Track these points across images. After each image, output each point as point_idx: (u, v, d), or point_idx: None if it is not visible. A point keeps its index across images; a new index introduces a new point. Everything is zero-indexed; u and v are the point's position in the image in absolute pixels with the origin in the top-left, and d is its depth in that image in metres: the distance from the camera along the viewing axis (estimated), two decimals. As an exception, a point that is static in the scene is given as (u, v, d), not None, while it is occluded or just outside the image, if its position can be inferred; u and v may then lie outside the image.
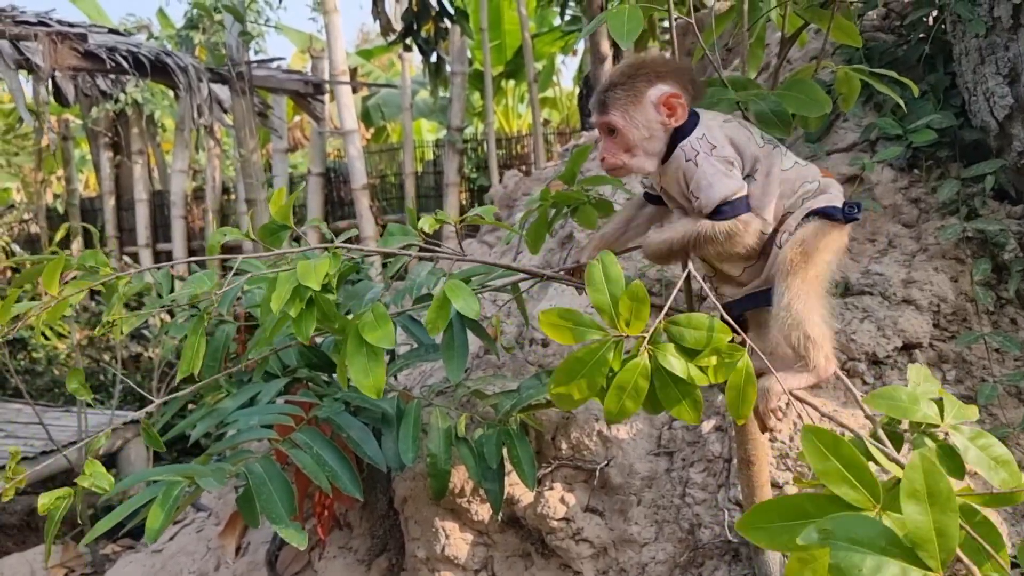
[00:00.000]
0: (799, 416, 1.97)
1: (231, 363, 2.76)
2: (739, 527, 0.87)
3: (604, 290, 1.36)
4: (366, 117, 10.24)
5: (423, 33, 5.77)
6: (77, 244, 9.57)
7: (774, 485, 1.93)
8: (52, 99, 4.94)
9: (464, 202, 8.69)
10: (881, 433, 1.16)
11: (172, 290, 2.70)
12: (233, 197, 9.87)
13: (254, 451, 2.23)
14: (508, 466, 2.20)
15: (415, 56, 8.79)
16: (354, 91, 9.26)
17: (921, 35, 2.44)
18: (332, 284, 1.88)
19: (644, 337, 1.32)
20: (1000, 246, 2.10)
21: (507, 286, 2.54)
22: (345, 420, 2.29)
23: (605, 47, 4.56)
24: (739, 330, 1.36)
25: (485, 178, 8.55)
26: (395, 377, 2.56)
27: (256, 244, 2.29)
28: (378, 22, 5.95)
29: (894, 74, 1.68)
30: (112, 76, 6.77)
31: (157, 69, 4.69)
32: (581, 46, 11.35)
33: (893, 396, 1.15)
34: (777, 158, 1.53)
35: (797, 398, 1.46)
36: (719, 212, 1.49)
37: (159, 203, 10.43)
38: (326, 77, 8.35)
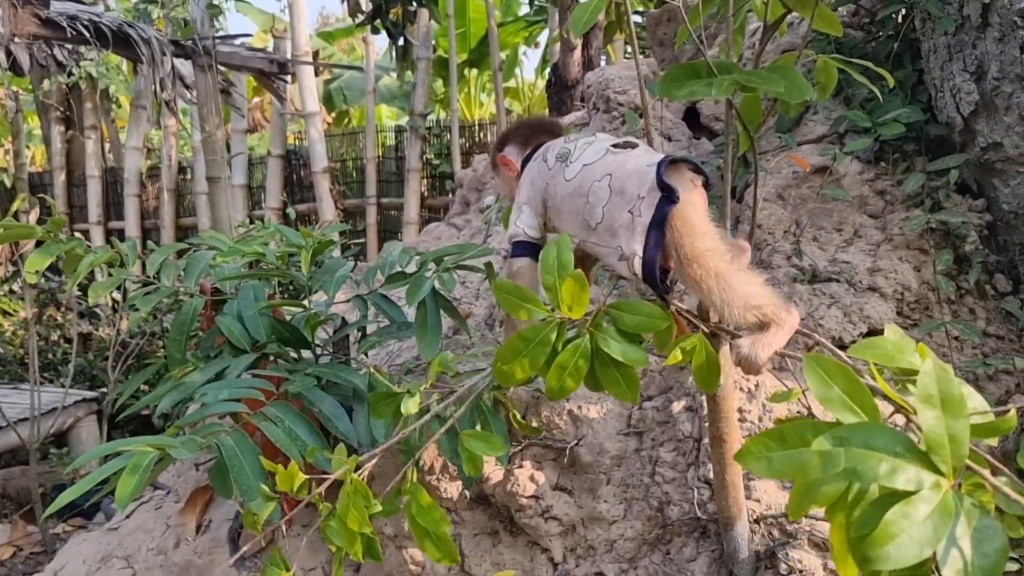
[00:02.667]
0: (767, 398, 2.02)
1: (196, 338, 2.73)
2: (738, 458, 0.89)
3: (554, 273, 1.40)
4: (328, 100, 10.12)
5: (391, 16, 5.72)
6: (33, 216, 9.32)
7: (742, 464, 1.98)
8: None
9: (425, 188, 8.64)
10: (868, 378, 1.18)
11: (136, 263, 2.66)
12: (189, 177, 9.68)
13: (222, 425, 2.21)
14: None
15: (378, 41, 8.72)
16: (317, 73, 9.14)
17: (890, 32, 2.51)
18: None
19: (588, 319, 1.38)
20: (962, 238, 2.17)
21: (480, 265, 2.56)
22: (316, 395, 2.28)
23: (574, 36, 4.58)
24: (695, 318, 1.47)
25: (447, 164, 8.51)
26: (365, 354, 2.56)
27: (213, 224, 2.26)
28: (345, 3, 5.87)
29: (871, 65, 1.73)
30: (69, 47, 6.57)
31: (119, 40, 4.56)
32: (543, 38, 11.38)
33: (879, 345, 1.18)
34: (559, 173, 1.66)
35: (746, 368, 1.49)
36: (510, 250, 1.84)
37: (111, 180, 10.17)
38: (289, 57, 8.25)
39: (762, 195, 2.51)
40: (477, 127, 8.84)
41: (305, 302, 2.47)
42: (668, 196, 1.50)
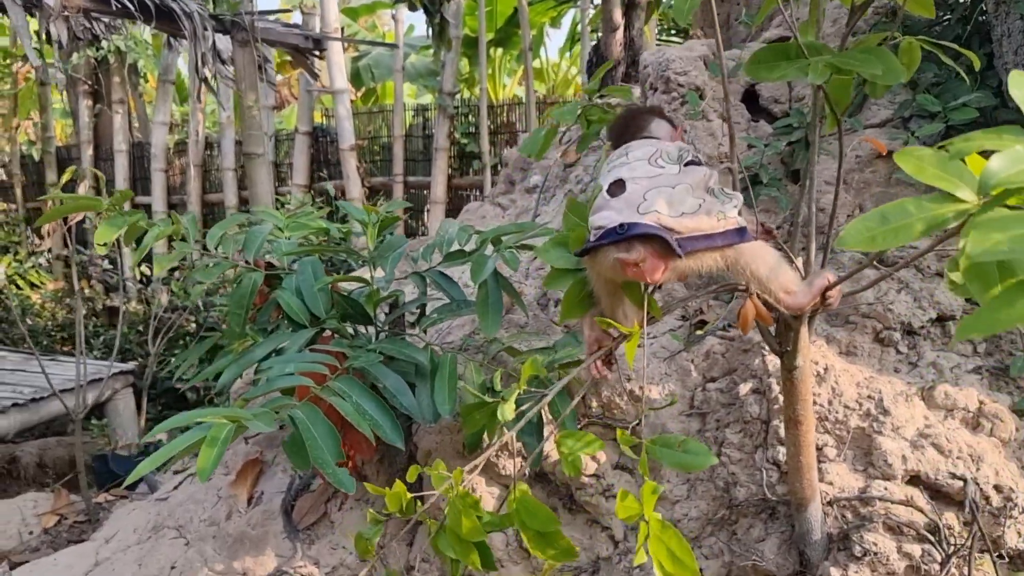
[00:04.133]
0: (836, 382, 2.03)
1: (256, 312, 2.75)
2: (841, 242, 0.93)
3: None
4: (355, 78, 10.11)
5: (429, -7, 5.71)
6: (82, 189, 9.38)
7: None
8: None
9: (452, 167, 8.64)
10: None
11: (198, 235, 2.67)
12: (216, 152, 9.71)
13: (289, 399, 2.23)
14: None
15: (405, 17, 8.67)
16: (345, 49, 9.13)
17: (960, 15, 2.48)
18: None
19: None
20: (1033, 224, 2.16)
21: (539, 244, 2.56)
22: (381, 371, 2.30)
23: (617, 16, 4.56)
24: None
25: (475, 144, 8.50)
26: (424, 331, 2.57)
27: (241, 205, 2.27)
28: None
29: (957, 47, 1.72)
30: (106, 20, 6.58)
31: (162, 14, 4.56)
32: (568, 19, 11.27)
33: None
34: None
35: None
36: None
37: (138, 155, 10.22)
38: (323, 33, 8.23)
39: (822, 179, 2.50)
40: (506, 108, 8.82)
41: (367, 277, 2.48)
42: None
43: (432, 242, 2.72)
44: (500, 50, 11.68)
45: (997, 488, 1.85)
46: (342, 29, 10.15)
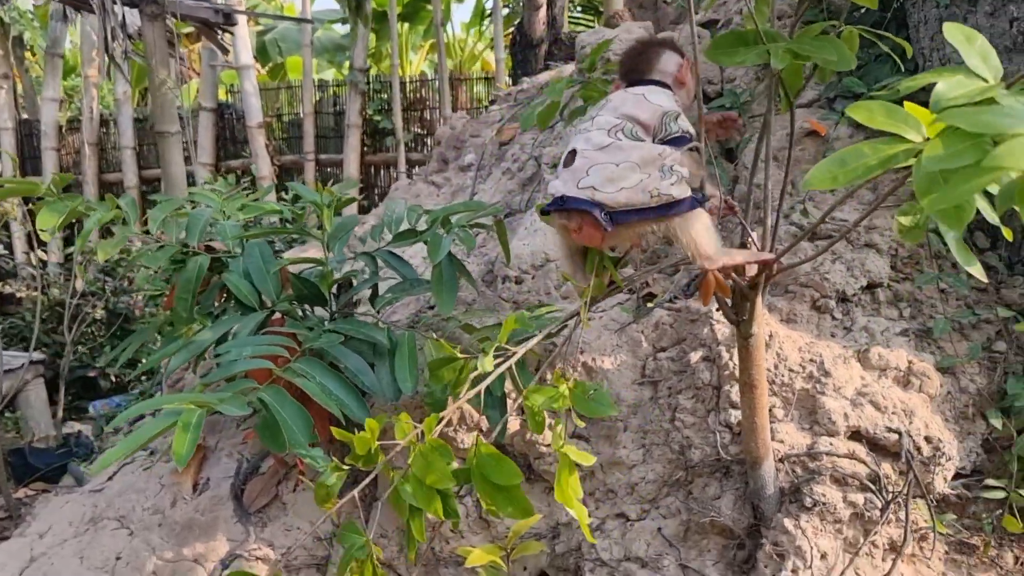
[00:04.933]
0: (780, 347, 2.17)
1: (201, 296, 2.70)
2: (807, 184, 1.06)
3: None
4: (262, 52, 9.82)
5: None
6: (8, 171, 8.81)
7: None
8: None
9: (365, 144, 8.55)
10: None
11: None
12: (112, 130, 9.29)
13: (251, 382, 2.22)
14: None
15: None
16: (249, 23, 8.85)
17: (879, 3, 2.65)
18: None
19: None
20: (949, 198, 2.35)
21: (490, 223, 2.62)
22: (341, 351, 2.32)
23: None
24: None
25: (388, 121, 8.43)
26: (378, 311, 2.59)
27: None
28: (298, -48, 5.70)
29: (891, 35, 1.86)
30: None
31: (68, -15, 4.33)
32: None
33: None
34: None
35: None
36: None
37: (26, 133, 9.67)
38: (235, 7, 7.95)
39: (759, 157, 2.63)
40: (418, 84, 8.76)
41: (321, 258, 2.48)
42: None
43: (382, 221, 2.73)
44: (407, 25, 11.57)
45: (927, 439, 2.04)
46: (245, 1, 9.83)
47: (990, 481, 2.16)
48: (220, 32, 5.89)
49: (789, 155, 1.89)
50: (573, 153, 1.75)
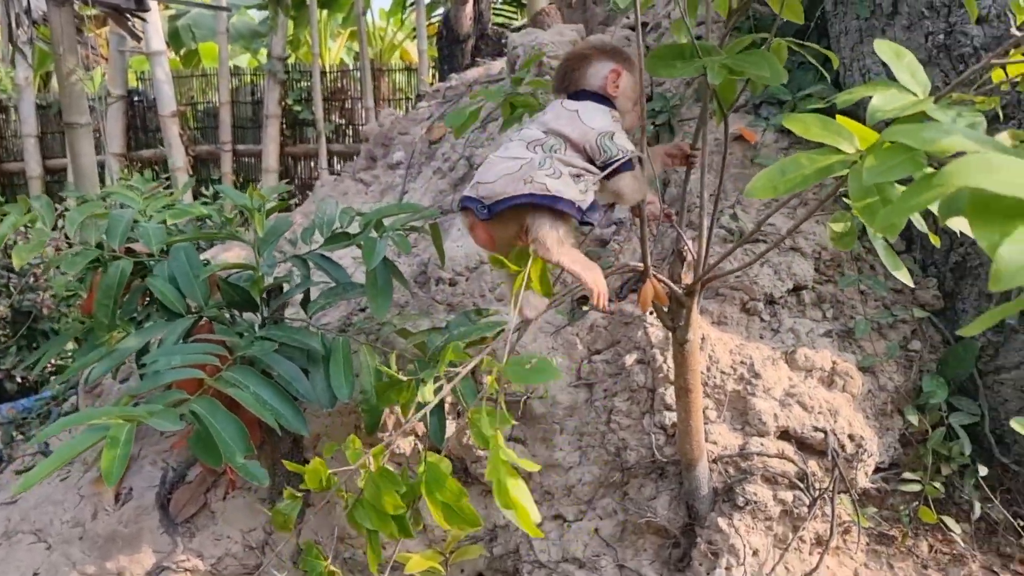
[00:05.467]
0: (712, 350, 2.23)
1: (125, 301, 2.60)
2: (748, 193, 1.10)
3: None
4: (174, 38, 9.47)
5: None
6: None
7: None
8: None
9: (285, 135, 8.36)
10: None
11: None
12: (10, 117, 8.84)
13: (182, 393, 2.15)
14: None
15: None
16: (160, 7, 8.53)
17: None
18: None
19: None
20: (868, 203, 2.45)
21: (424, 224, 2.60)
22: (273, 358, 2.27)
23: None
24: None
25: (308, 111, 8.26)
26: (311, 316, 2.54)
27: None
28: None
29: (817, 47, 1.92)
30: None
31: (-38, -33, 4.08)
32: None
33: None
34: None
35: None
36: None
37: (-84, 119, 9.12)
38: (127, -10, 7.63)
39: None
40: (340, 74, 8.61)
41: (252, 262, 2.42)
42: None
43: (310, 223, 2.68)
44: (325, 12, 11.34)
45: (850, 437, 2.12)
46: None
47: (907, 474, 2.27)
48: (130, 18, 5.65)
49: (723, 164, 1.94)
50: (488, 162, 1.74)
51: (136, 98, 8.59)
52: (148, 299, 2.68)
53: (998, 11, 2.21)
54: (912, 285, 1.69)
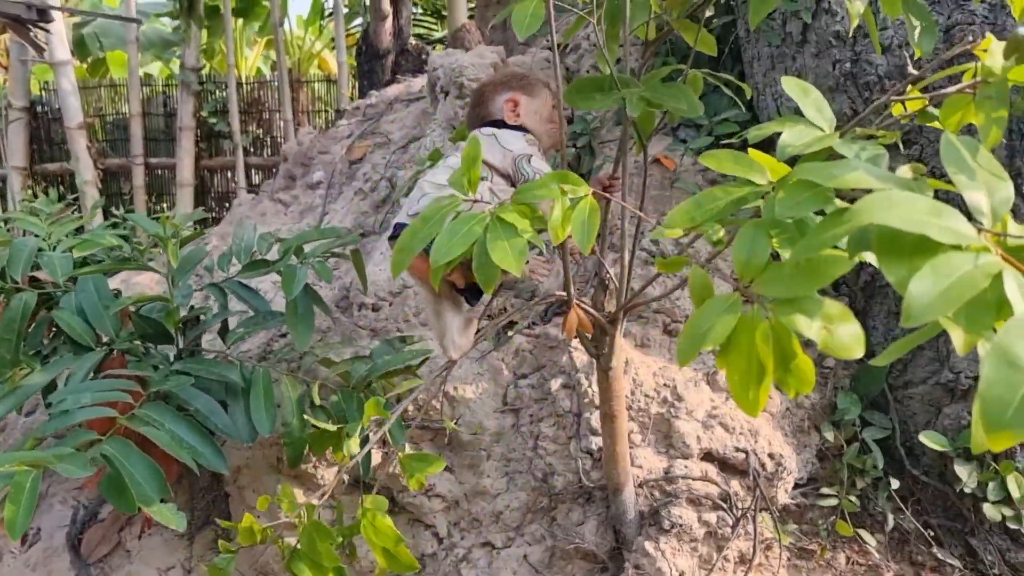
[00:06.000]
0: (636, 373, 2.25)
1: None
2: (667, 225, 1.11)
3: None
4: (80, 47, 9.10)
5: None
6: None
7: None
8: None
9: (200, 147, 8.13)
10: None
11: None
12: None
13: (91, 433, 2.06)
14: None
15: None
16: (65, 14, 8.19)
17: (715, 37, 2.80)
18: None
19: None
20: (783, 225, 2.52)
21: (345, 250, 2.56)
22: (190, 393, 2.20)
23: (386, 5, 4.55)
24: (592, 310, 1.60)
25: (224, 123, 8.06)
26: (229, 347, 2.47)
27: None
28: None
29: (731, 78, 1.97)
30: None
31: None
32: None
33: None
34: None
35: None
36: None
37: None
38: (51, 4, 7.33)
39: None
40: (256, 85, 8.42)
41: (166, 294, 2.34)
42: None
43: (228, 250, 2.61)
44: (240, 21, 11.09)
45: (770, 456, 2.18)
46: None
47: (825, 489, 2.34)
48: (32, 28, 5.42)
49: (643, 190, 1.97)
50: (418, 189, 1.78)
51: (40, 108, 8.23)
52: (54, 331, 2.56)
53: (900, 41, 2.30)
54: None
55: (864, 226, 1.01)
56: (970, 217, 0.86)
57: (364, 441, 1.79)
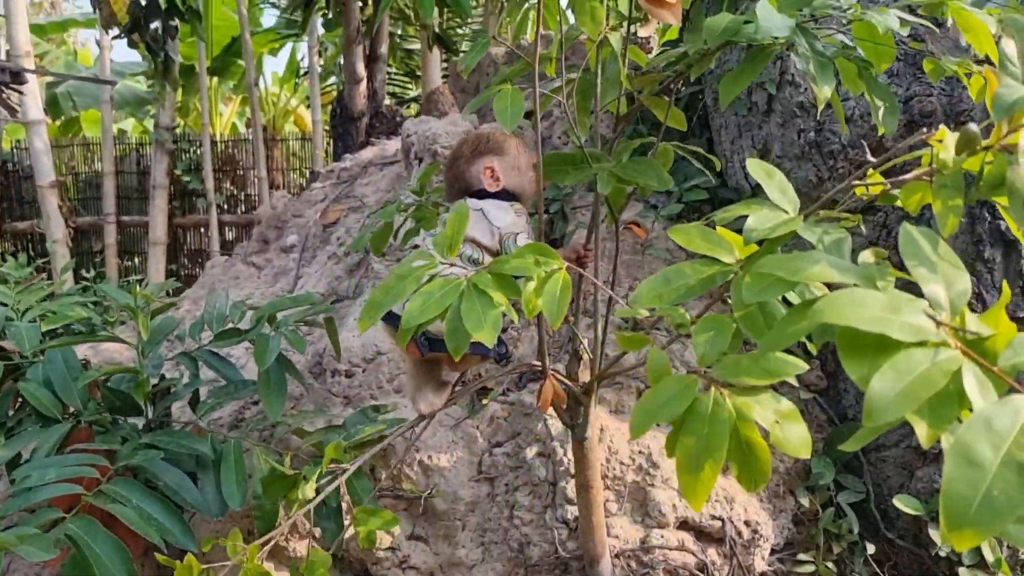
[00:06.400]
0: (611, 440, 2.25)
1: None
2: (635, 301, 1.11)
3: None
4: (53, 105, 9.10)
5: (150, 30, 5.34)
6: None
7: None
8: None
9: (174, 205, 8.11)
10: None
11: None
12: None
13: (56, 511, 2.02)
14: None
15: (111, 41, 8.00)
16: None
17: (683, 106, 2.87)
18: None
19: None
20: (753, 289, 2.55)
21: (319, 319, 2.55)
22: (159, 467, 2.16)
23: (360, 69, 4.61)
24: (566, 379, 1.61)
25: (198, 181, 8.06)
26: (201, 418, 2.44)
27: None
28: (98, 13, 5.37)
29: (700, 150, 2.01)
30: None
31: None
32: (286, 51, 10.99)
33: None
34: None
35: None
36: None
37: None
38: (2, 56, 7.36)
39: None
40: (231, 143, 8.45)
41: (136, 366, 2.31)
42: None
43: (200, 318, 2.59)
44: (216, 79, 11.18)
45: (747, 523, 2.17)
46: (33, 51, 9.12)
47: (801, 555, 2.33)
48: (5, 90, 5.41)
49: (615, 261, 1.99)
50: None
51: (11, 166, 8.19)
52: (20, 402, 2.52)
53: (862, 112, 2.37)
54: (806, 366, 1.75)
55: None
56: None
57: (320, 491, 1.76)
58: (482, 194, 1.88)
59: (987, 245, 2.24)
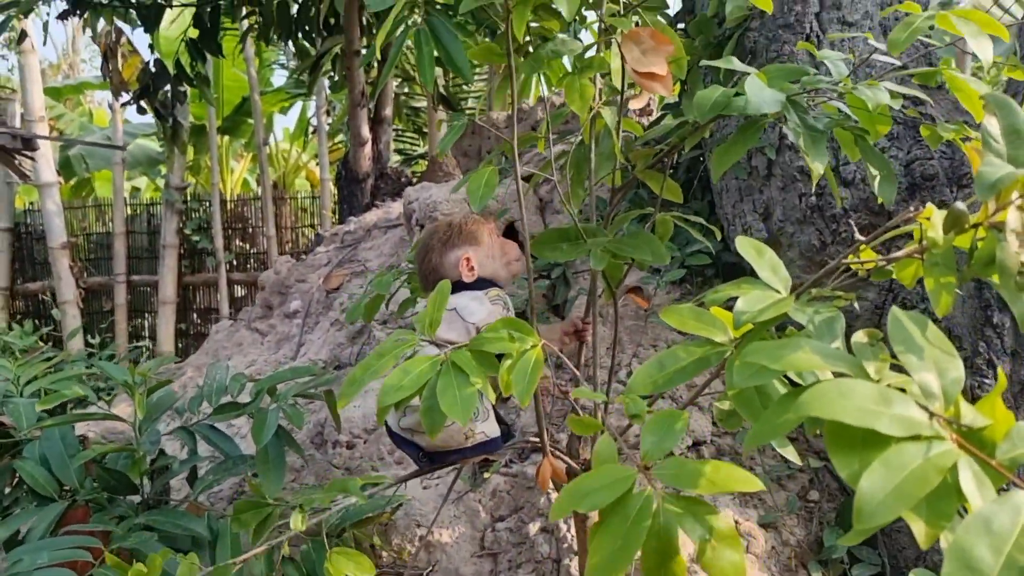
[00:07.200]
0: (616, 514, 2.19)
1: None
2: (631, 389, 1.06)
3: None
4: (66, 167, 9.24)
5: (159, 96, 5.44)
6: None
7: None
8: None
9: (183, 264, 8.16)
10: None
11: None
12: None
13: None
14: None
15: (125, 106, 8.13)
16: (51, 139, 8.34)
17: (684, 170, 2.86)
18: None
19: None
20: (759, 355, 2.51)
21: (319, 391, 2.52)
22: (154, 548, 2.11)
23: (365, 131, 4.65)
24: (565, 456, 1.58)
25: (207, 240, 8.12)
26: (197, 497, 2.40)
27: None
28: (108, 80, 5.48)
29: (701, 220, 1.99)
30: None
31: None
32: (297, 107, 11.14)
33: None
34: None
35: None
36: None
37: None
38: (16, 122, 7.49)
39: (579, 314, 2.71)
40: (240, 203, 8.53)
41: (133, 445, 2.28)
42: None
43: (199, 391, 2.56)
44: (227, 138, 11.34)
45: (758, 602, 2.10)
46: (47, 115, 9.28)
47: (816, 634, 2.24)
48: (17, 157, 5.49)
49: (615, 336, 1.96)
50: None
51: (24, 228, 8.27)
52: (16, 479, 2.49)
53: (863, 175, 2.35)
54: (799, 463, 1.70)
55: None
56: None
57: None
58: (457, 286, 1.81)
59: (995, 310, 2.20)
